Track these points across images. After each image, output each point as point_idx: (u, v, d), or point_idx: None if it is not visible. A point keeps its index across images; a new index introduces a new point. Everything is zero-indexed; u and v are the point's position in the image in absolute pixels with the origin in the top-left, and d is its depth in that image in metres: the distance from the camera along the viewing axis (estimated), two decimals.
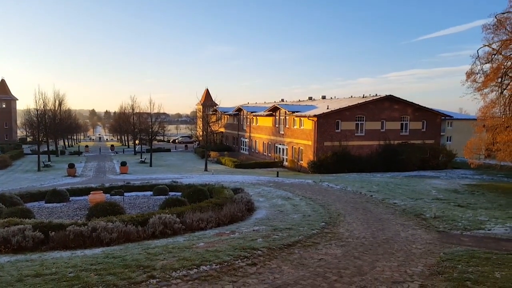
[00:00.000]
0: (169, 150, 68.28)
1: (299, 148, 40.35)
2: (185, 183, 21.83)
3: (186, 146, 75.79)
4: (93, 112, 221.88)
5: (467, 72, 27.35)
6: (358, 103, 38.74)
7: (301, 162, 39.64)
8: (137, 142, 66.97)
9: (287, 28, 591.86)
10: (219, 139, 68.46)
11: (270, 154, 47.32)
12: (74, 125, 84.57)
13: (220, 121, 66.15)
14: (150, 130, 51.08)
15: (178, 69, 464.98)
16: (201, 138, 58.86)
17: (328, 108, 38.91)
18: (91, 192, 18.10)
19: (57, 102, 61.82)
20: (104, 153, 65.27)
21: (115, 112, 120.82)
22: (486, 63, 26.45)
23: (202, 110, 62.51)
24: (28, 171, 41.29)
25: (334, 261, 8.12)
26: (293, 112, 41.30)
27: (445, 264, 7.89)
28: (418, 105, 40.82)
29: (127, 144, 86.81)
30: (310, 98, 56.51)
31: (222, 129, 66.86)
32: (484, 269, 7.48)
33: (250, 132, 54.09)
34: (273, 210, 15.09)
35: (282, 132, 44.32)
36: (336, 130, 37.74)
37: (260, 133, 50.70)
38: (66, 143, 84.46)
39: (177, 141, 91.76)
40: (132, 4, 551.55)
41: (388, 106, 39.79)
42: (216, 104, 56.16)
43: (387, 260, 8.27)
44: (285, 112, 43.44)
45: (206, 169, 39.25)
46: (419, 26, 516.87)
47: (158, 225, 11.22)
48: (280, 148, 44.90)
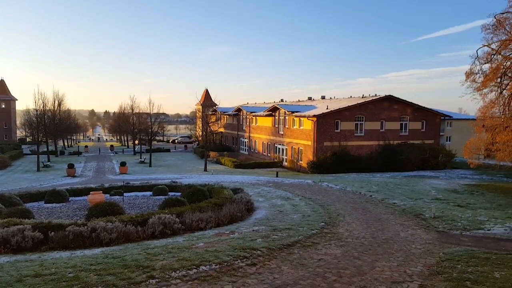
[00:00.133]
0: (169, 150, 68.30)
1: (299, 148, 40.36)
2: (185, 183, 21.83)
3: (186, 146, 75.80)
4: (93, 112, 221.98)
5: (467, 72, 27.37)
6: (358, 103, 38.76)
7: (301, 162, 39.66)
8: (137, 142, 66.97)
9: (287, 28, 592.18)
10: (219, 139, 68.47)
11: (270, 154, 47.33)
12: (74, 125, 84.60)
13: (220, 121, 66.20)
14: (150, 130, 51.11)
15: (178, 69, 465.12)
16: (201, 138, 58.86)
17: (328, 108, 38.93)
18: (91, 193, 18.09)
19: (57, 102, 61.99)
20: (104, 154, 65.26)
21: (115, 112, 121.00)
22: (486, 63, 26.46)
23: (202, 110, 62.46)
24: (28, 172, 41.27)
25: (334, 261, 8.12)
26: (293, 112, 41.31)
27: (445, 264, 7.89)
28: (418, 105, 40.84)
29: (127, 144, 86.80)
30: (310, 98, 56.51)
31: (222, 129, 66.89)
32: (484, 269, 7.49)
33: (250, 132, 54.09)
34: (273, 210, 15.09)
35: (282, 132, 44.33)
36: (336, 130, 37.76)
37: (260, 133, 50.71)
38: (66, 144, 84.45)
39: (177, 141, 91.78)
40: (132, 4, 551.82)
41: (388, 106, 39.81)
42: (216, 104, 56.20)
43: (387, 260, 8.28)
44: (285, 112, 43.45)
45: (206, 169, 39.26)
46: (419, 26, 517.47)
47: (158, 225, 11.21)
48: (280, 148, 44.91)
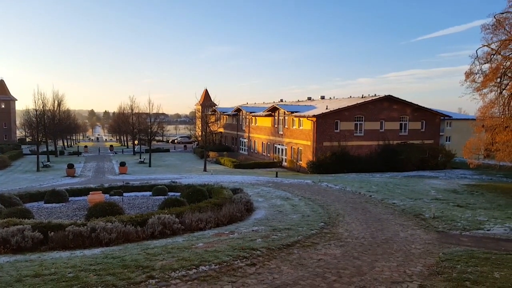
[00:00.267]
0: (168, 151, 68.28)
1: (298, 148, 40.36)
2: (184, 183, 21.83)
3: (185, 147, 75.77)
4: (92, 113, 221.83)
5: (466, 72, 27.38)
6: (357, 103, 38.76)
7: (300, 162, 39.65)
8: (136, 143, 66.96)
9: (287, 28, 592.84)
10: (218, 139, 68.46)
11: (269, 154, 47.32)
12: (73, 126, 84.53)
13: (219, 122, 66.21)
14: (149, 131, 51.08)
15: (178, 69, 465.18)
16: (200, 139, 58.89)
17: (327, 108, 38.93)
18: (90, 193, 18.09)
19: (56, 103, 62.05)
20: (103, 154, 65.22)
21: (114, 113, 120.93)
22: (485, 63, 26.47)
23: (201, 111, 62.45)
24: (27, 172, 41.26)
25: (333, 261, 8.11)
26: (292, 112, 41.30)
27: (444, 264, 7.89)
28: (417, 105, 40.85)
29: (126, 145, 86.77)
30: (309, 98, 56.52)
31: (221, 130, 66.89)
32: (483, 269, 7.49)
33: (249, 132, 54.08)
34: (272, 211, 15.09)
35: (281, 132, 44.32)
36: (335, 130, 37.76)
37: (259, 133, 50.70)
38: (65, 144, 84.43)
39: (176, 142, 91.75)
40: (132, 4, 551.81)
41: (387, 106, 39.82)
42: (215, 104, 56.23)
43: (386, 260, 8.27)
44: (284, 113, 43.44)
45: (205, 169, 39.25)
46: (419, 26, 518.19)
47: (157, 226, 11.21)
48: (279, 148, 44.91)
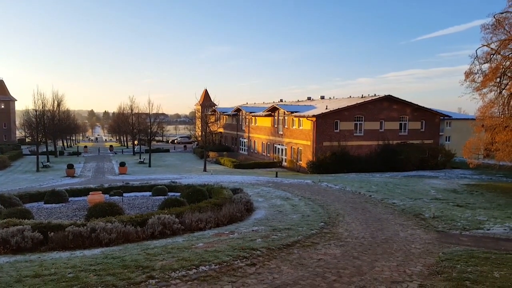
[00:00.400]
0: (168, 151, 68.29)
1: (298, 148, 40.37)
2: (184, 184, 21.82)
3: (185, 147, 75.78)
4: (92, 113, 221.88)
5: (466, 72, 27.41)
6: (357, 103, 38.77)
7: (300, 162, 39.66)
8: (136, 143, 66.96)
9: (287, 28, 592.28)
10: (218, 140, 68.46)
11: (269, 155, 47.33)
12: (73, 126, 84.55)
13: (219, 122, 66.21)
14: (149, 131, 51.09)
15: (178, 69, 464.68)
16: (200, 139, 58.85)
17: (327, 108, 38.94)
18: (90, 193, 18.08)
19: (56, 103, 62.12)
20: (103, 154, 65.22)
21: (114, 113, 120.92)
22: (485, 63, 26.50)
23: (201, 111, 62.42)
24: (27, 172, 41.25)
25: (333, 261, 8.12)
26: (292, 112, 41.31)
27: (444, 264, 7.89)
28: (417, 105, 40.86)
29: (126, 145, 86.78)
30: (309, 98, 56.52)
31: (221, 130, 66.89)
32: (483, 269, 7.49)
33: (249, 133, 54.08)
34: (272, 210, 15.09)
35: (281, 132, 44.33)
36: (335, 130, 37.77)
37: (259, 134, 50.70)
38: (65, 144, 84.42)
39: (176, 142, 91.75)
40: (132, 4, 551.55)
41: (387, 106, 39.83)
42: (215, 105, 56.15)
43: (386, 260, 8.28)
44: (284, 113, 43.45)
45: (205, 170, 39.25)
46: (418, 26, 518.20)
47: (157, 226, 11.20)
48: (279, 148, 44.91)
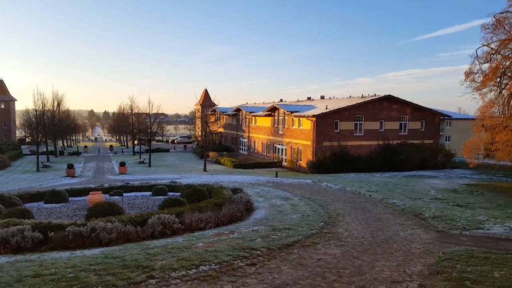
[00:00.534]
0: (168, 151, 68.28)
1: (298, 148, 40.36)
2: (184, 183, 21.82)
3: (185, 147, 75.78)
4: (92, 113, 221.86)
5: (466, 72, 27.42)
6: (357, 103, 38.77)
7: (300, 162, 39.66)
8: (136, 143, 66.95)
9: (287, 28, 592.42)
10: (218, 139, 68.47)
11: (269, 154, 47.32)
12: (73, 126, 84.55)
13: (219, 121, 66.22)
14: (149, 131, 51.09)
15: (178, 69, 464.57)
16: (200, 138, 58.85)
17: (327, 108, 38.94)
18: (90, 193, 18.08)
19: (56, 103, 62.08)
20: (103, 154, 65.21)
21: (114, 113, 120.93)
22: (485, 63, 26.51)
23: (201, 111, 62.43)
24: (27, 172, 41.25)
25: (333, 261, 8.12)
26: (292, 112, 41.31)
27: (444, 264, 7.90)
28: (417, 105, 40.86)
29: (126, 145, 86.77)
30: (309, 98, 56.51)
31: (221, 129, 66.90)
32: (483, 269, 7.49)
33: (249, 132, 54.08)
34: (272, 210, 15.09)
35: (281, 132, 44.33)
36: (335, 130, 37.77)
37: (259, 133, 50.70)
38: (65, 144, 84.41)
39: (176, 142, 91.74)
40: (132, 4, 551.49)
41: (387, 106, 39.83)
42: (215, 104, 56.19)
43: (386, 260, 8.28)
44: (284, 112, 43.45)
45: (205, 169, 39.25)
46: (418, 26, 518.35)
47: (157, 225, 11.21)
48: (279, 148, 44.91)
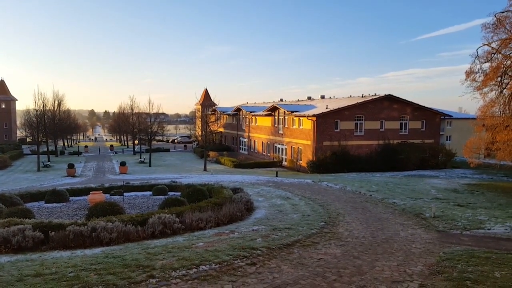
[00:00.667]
0: (168, 150, 68.25)
1: (298, 148, 40.36)
2: (184, 183, 21.83)
3: (185, 146, 75.76)
4: (92, 112, 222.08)
5: (467, 71, 27.41)
6: (357, 103, 38.75)
7: (300, 162, 39.65)
8: (136, 142, 66.96)
9: (287, 28, 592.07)
10: (218, 139, 68.47)
11: (269, 154, 47.32)
12: (74, 125, 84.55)
13: (219, 121, 66.21)
14: (149, 130, 51.08)
15: (178, 69, 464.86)
16: (200, 138, 58.88)
17: (327, 108, 38.92)
18: (91, 192, 18.09)
19: (56, 103, 61.93)
20: (104, 153, 65.22)
21: (114, 112, 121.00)
22: (486, 62, 26.50)
23: (201, 110, 62.45)
24: (28, 172, 41.26)
25: (334, 261, 8.12)
26: (292, 112, 41.30)
27: (445, 264, 7.89)
28: (417, 105, 40.83)
29: (126, 144, 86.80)
30: (309, 98, 56.46)
31: (221, 129, 66.89)
32: (484, 269, 7.49)
33: (249, 132, 54.08)
34: (272, 210, 15.09)
35: (281, 132, 44.32)
36: (335, 130, 37.75)
37: (259, 133, 50.70)
38: (66, 144, 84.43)
39: (176, 141, 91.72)
40: (132, 4, 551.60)
41: (387, 106, 39.80)
42: (215, 104, 56.25)
43: (387, 260, 8.28)
44: (284, 112, 43.43)
45: (205, 169, 39.24)
46: (418, 26, 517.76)
47: (158, 225, 11.22)
48: (279, 148, 44.91)
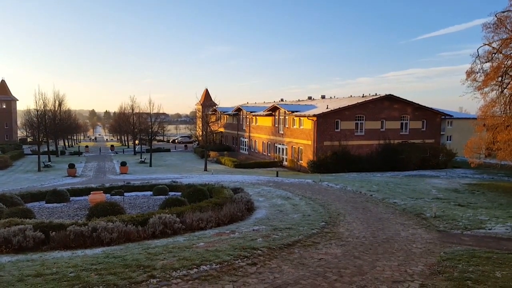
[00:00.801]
0: (169, 150, 68.26)
1: (299, 148, 40.34)
2: (185, 183, 21.83)
3: (186, 146, 75.77)
4: (93, 113, 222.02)
5: (467, 71, 27.39)
6: (358, 103, 38.73)
7: (301, 162, 39.64)
8: (137, 142, 66.98)
9: (287, 28, 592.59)
10: (219, 139, 68.47)
11: (270, 154, 47.31)
12: (74, 125, 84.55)
13: (220, 121, 66.20)
14: (150, 130, 51.11)
15: (178, 69, 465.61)
16: (201, 138, 58.85)
17: (328, 108, 38.91)
18: (91, 192, 18.11)
19: (57, 103, 61.83)
20: (104, 153, 65.27)
21: (115, 112, 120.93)
22: (486, 62, 26.49)
23: (202, 110, 62.51)
24: (29, 172, 41.29)
25: (334, 261, 8.11)
26: (293, 112, 41.29)
27: (446, 264, 7.89)
28: (418, 104, 40.81)
29: (127, 144, 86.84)
30: (310, 98, 56.45)
31: (222, 129, 66.87)
32: (485, 269, 7.48)
33: (250, 132, 54.07)
34: (273, 210, 15.09)
35: (282, 132, 44.31)
36: (336, 130, 37.74)
37: (260, 133, 50.69)
38: (66, 144, 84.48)
39: (177, 141, 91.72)
40: (133, 4, 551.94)
41: (388, 106, 39.78)
42: (216, 104, 56.24)
43: (387, 260, 8.27)
44: (285, 112, 43.42)
45: (206, 169, 39.25)
46: (419, 26, 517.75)
47: (158, 225, 11.22)
48: (280, 148, 44.90)
